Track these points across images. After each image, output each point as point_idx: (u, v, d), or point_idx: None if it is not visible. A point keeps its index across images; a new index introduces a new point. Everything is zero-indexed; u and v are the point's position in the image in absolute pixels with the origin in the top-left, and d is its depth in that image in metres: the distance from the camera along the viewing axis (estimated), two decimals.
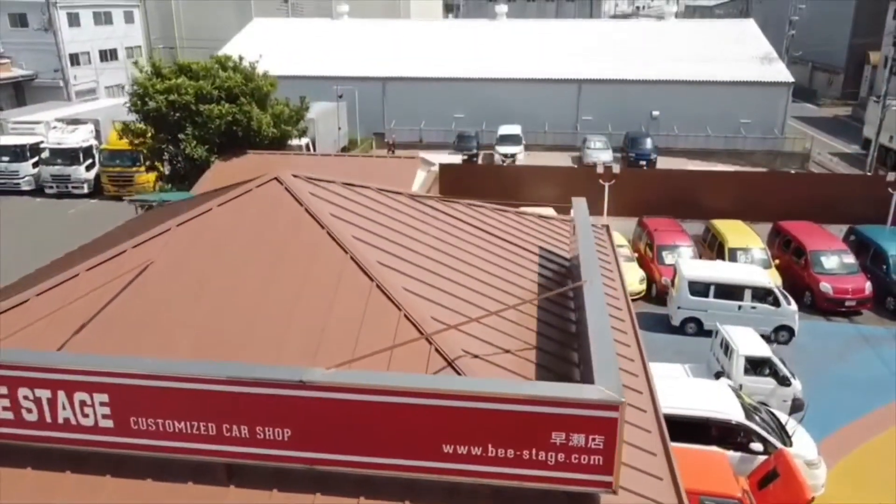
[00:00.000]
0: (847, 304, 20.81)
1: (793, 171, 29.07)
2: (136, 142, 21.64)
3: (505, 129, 39.29)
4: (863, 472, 14.28)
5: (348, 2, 53.02)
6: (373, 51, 45.26)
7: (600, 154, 38.11)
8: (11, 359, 6.71)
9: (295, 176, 10.64)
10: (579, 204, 12.31)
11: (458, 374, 7.38)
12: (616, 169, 27.21)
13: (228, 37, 50.61)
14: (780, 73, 42.74)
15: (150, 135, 20.86)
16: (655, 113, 42.26)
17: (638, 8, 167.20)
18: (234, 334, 7.90)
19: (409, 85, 42.43)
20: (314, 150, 33.56)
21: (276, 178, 10.42)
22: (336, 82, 39.15)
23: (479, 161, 38.63)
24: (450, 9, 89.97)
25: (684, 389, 13.28)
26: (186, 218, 9.73)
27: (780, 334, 18.99)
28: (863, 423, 15.74)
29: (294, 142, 24.23)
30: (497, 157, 37.67)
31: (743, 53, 44.14)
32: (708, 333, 18.21)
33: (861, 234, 23.35)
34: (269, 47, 45.89)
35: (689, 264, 19.88)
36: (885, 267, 21.65)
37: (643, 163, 37.86)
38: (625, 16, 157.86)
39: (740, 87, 41.93)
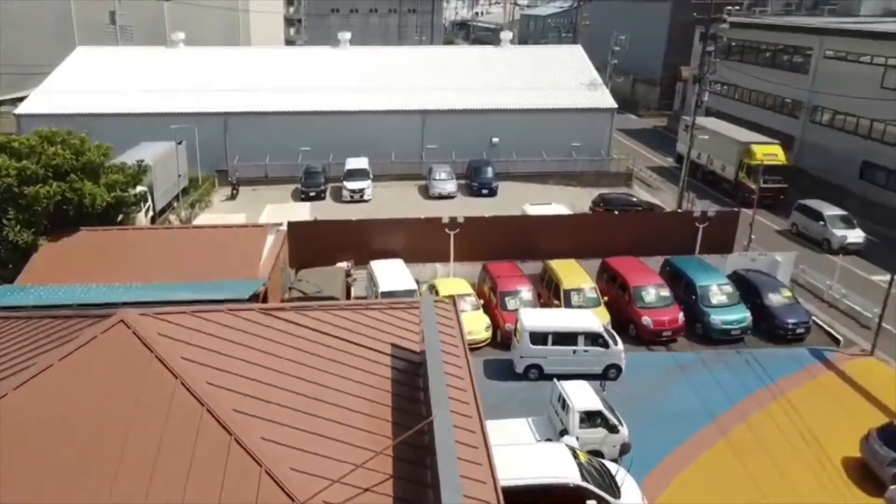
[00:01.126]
0: (664, 334, 23.60)
1: (616, 212, 32.09)
2: None
3: (352, 164, 39.72)
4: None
5: (183, 27, 50.97)
6: (213, 82, 43.82)
7: (445, 185, 39.75)
8: None
9: (142, 314, 10.67)
10: (427, 302, 13.28)
11: None
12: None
13: (50, 63, 46.98)
14: (605, 99, 46.62)
15: None
16: (495, 140, 44.61)
17: (476, 13, 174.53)
18: None
19: (252, 119, 41.69)
20: (152, 198, 32.17)
21: (122, 321, 10.39)
22: (173, 119, 37.55)
23: (328, 197, 38.90)
24: (291, 23, 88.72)
25: (525, 457, 14.69)
26: (22, 380, 9.35)
27: (609, 372, 21.22)
28: (678, 455, 18.13)
29: (130, 190, 23.32)
30: (345, 193, 38.17)
31: (572, 80, 47.59)
32: (549, 377, 19.97)
33: (674, 266, 26.39)
34: (96, 79, 43.39)
35: (529, 315, 21.58)
36: (694, 297, 24.70)
37: (485, 191, 39.94)
38: (464, 22, 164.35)
39: (570, 114, 45.29)
